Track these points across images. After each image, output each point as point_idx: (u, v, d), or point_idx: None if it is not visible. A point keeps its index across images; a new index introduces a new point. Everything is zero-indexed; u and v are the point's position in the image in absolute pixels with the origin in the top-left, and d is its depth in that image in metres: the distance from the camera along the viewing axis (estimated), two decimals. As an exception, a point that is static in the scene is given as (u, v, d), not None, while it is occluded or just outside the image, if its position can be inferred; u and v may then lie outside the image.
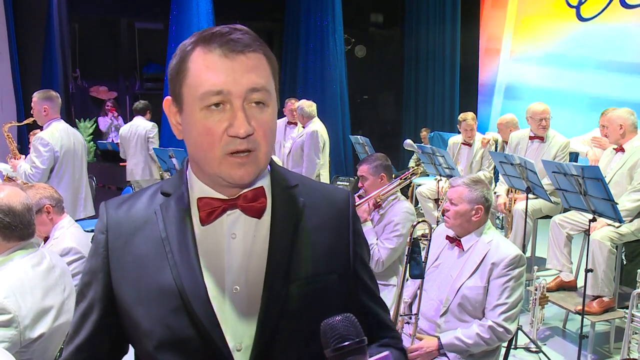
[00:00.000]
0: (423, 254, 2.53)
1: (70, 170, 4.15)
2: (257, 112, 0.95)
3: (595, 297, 3.62)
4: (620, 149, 3.88)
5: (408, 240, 2.39)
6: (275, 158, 5.55)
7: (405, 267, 2.38)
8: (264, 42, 0.98)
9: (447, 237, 2.60)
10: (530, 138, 4.76)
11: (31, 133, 5.40)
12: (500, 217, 5.17)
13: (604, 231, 3.61)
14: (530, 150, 4.73)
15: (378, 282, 3.32)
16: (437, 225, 3.42)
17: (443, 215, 2.60)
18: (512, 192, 4.75)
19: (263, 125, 0.95)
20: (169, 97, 1.02)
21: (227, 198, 1.00)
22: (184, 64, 0.96)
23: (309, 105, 5.99)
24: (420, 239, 2.51)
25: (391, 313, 2.50)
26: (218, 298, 0.99)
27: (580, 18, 7.28)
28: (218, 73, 0.92)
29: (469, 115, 5.77)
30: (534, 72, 8.14)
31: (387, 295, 3.12)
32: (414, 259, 2.33)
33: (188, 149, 1.01)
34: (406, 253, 2.37)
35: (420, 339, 2.46)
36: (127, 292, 1.01)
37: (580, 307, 3.41)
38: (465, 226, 2.53)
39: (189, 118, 0.96)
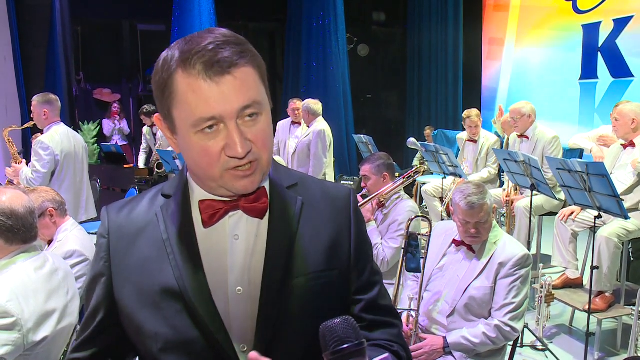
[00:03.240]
0: (423, 251, 2.50)
1: (72, 173, 4.15)
2: (252, 124, 0.93)
3: (599, 293, 3.60)
4: (630, 144, 3.85)
5: (404, 234, 2.36)
6: (278, 158, 5.55)
7: (402, 261, 2.35)
8: (248, 45, 0.93)
9: (454, 241, 2.54)
10: (518, 137, 4.91)
11: (33, 137, 5.41)
12: (503, 212, 5.15)
13: (611, 227, 3.58)
14: (521, 149, 4.81)
15: (383, 281, 3.29)
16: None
17: (469, 236, 2.45)
18: (512, 191, 4.75)
19: (260, 135, 0.94)
20: (159, 115, 0.98)
21: (228, 200, 0.99)
22: (169, 85, 0.92)
23: (315, 103, 6.02)
24: (422, 237, 2.48)
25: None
26: (222, 299, 0.98)
27: (577, 11, 7.23)
28: (207, 99, 0.89)
29: (473, 112, 5.75)
30: (537, 68, 8.10)
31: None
32: (411, 253, 2.30)
33: (187, 164, 1.00)
34: (402, 246, 2.34)
35: (424, 339, 2.44)
36: (129, 295, 1.01)
37: (587, 305, 3.38)
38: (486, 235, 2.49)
39: (184, 140, 0.94)
